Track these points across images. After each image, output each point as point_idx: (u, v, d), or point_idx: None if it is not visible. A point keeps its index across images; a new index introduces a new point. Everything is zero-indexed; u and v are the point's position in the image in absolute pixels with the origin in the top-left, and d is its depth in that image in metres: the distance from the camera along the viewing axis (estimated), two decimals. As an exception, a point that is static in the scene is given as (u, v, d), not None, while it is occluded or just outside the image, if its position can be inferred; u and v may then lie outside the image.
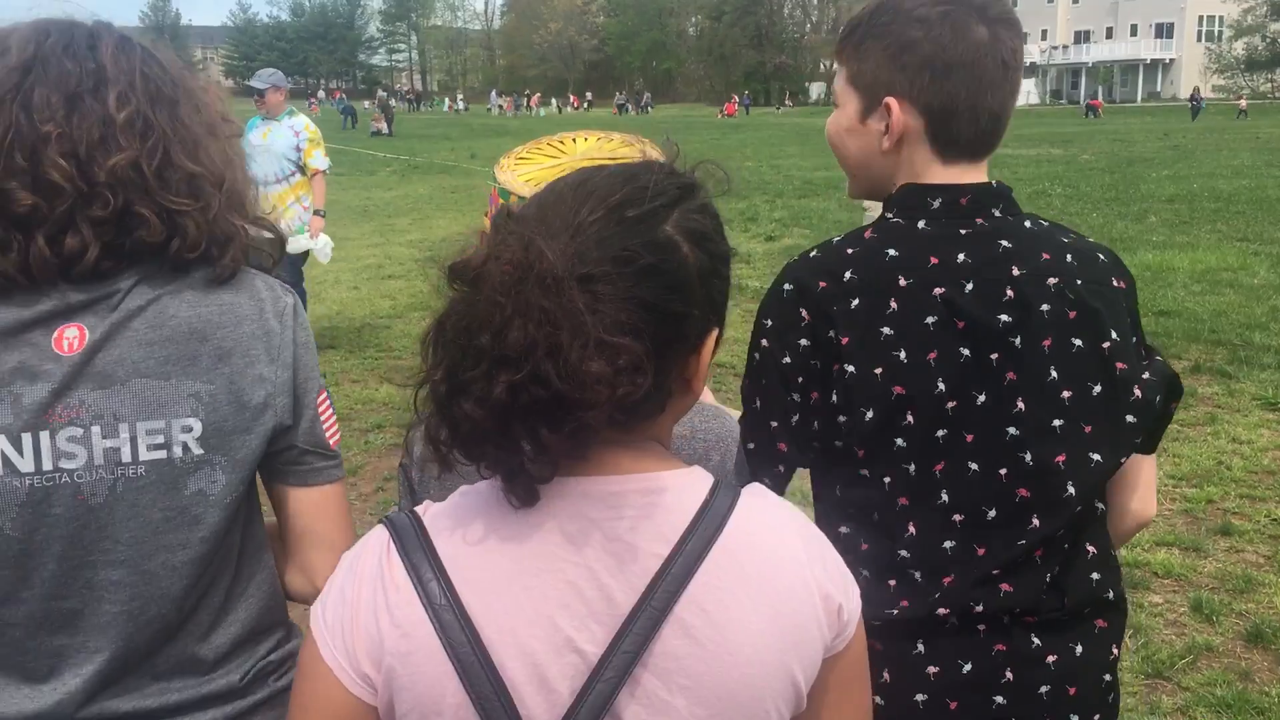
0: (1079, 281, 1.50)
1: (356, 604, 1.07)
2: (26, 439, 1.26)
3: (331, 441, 1.47)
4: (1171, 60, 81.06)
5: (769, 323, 1.54)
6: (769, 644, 1.06)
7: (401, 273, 11.90)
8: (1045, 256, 1.50)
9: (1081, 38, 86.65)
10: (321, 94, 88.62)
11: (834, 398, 1.49)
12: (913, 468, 1.48)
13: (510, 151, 1.63)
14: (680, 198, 1.08)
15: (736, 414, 1.63)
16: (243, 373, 1.36)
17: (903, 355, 1.46)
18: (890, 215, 1.56)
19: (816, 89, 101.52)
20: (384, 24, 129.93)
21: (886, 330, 1.46)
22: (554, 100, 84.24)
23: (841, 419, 1.49)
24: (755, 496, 1.13)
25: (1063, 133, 36.33)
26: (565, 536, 1.05)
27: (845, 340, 1.47)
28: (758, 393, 1.54)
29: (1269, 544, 4.81)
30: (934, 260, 1.48)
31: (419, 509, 1.12)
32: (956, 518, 1.48)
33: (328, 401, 1.49)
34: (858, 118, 1.58)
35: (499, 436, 0.99)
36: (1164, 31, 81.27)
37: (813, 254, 1.56)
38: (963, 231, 1.51)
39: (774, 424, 1.52)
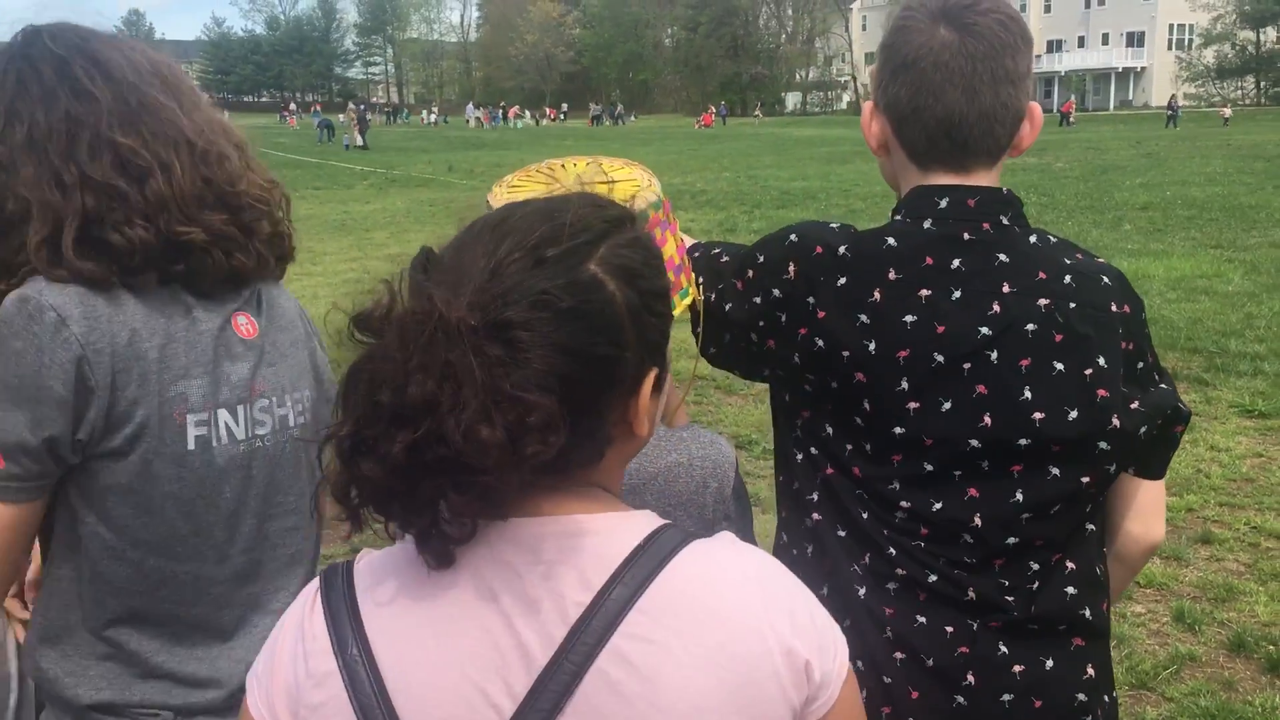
0: (1072, 305, 1.47)
1: (279, 653, 1.05)
2: (241, 411, 1.53)
3: None
4: (1143, 69, 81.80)
5: (760, 258, 1.58)
6: (710, 704, 0.96)
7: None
8: (1040, 275, 1.48)
9: (1054, 47, 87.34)
10: (293, 106, 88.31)
11: (796, 359, 1.52)
12: (869, 446, 1.49)
13: (502, 180, 1.62)
14: (607, 232, 1.01)
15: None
16: (316, 351, 1.69)
17: (871, 347, 1.46)
18: (898, 215, 1.55)
19: (793, 99, 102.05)
20: (360, 37, 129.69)
21: (863, 318, 1.47)
22: (527, 112, 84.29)
23: (810, 379, 1.52)
24: (711, 542, 1.04)
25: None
26: (482, 584, 0.99)
27: (821, 315, 1.48)
28: (729, 275, 1.61)
29: (1249, 552, 4.84)
30: (929, 260, 1.48)
31: (356, 558, 1.08)
32: (904, 504, 1.49)
33: None
34: (866, 126, 1.62)
35: (405, 496, 0.93)
36: (1135, 40, 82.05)
37: (827, 223, 1.58)
38: (965, 236, 1.49)
39: (728, 336, 1.60)
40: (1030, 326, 1.46)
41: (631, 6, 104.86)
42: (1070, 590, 1.51)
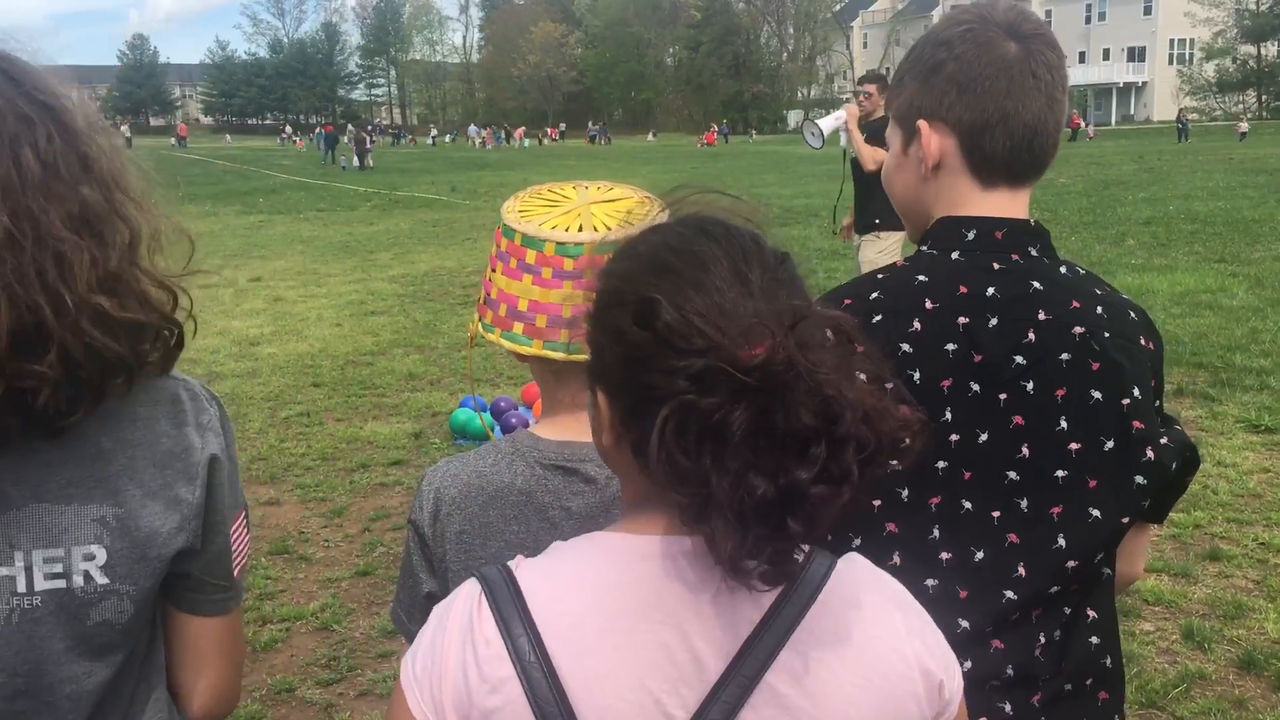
0: (1106, 334, 1.45)
1: (445, 657, 1.05)
2: None
3: (236, 570, 1.38)
4: (1144, 83, 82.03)
5: None
6: (865, 717, 1.03)
7: (384, 308, 11.87)
8: (1074, 304, 1.46)
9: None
10: (288, 129, 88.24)
11: None
12: (905, 493, 1.44)
13: (511, 208, 1.61)
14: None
15: None
16: (155, 496, 1.25)
17: (916, 376, 1.42)
18: (924, 247, 1.53)
19: (794, 116, 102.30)
20: (363, 59, 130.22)
21: (905, 347, 1.43)
22: (520, 134, 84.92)
23: None
24: (852, 564, 1.11)
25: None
26: (660, 597, 1.02)
27: (859, 350, 1.45)
28: None
29: (1257, 568, 4.81)
30: (963, 289, 1.45)
31: (511, 564, 1.09)
32: (944, 555, 1.45)
33: (244, 524, 1.40)
34: (900, 150, 1.58)
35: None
36: (1136, 55, 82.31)
37: (839, 286, 1.56)
38: (996, 266, 1.47)
39: None
40: (1065, 356, 1.44)
41: (633, 26, 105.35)
42: (1094, 640, 1.50)
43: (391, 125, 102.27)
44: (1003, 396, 1.43)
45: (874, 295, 1.47)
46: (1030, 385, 1.43)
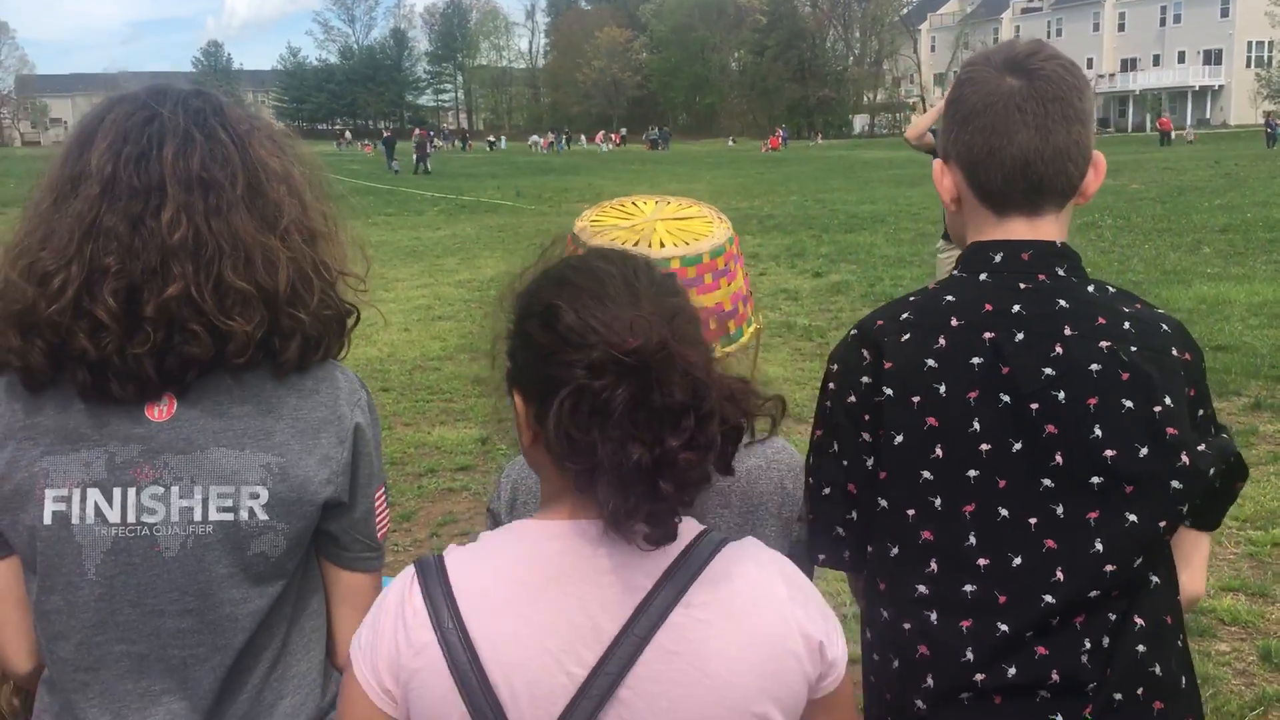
0: (1134, 348, 1.49)
1: (381, 627, 1.24)
2: (116, 493, 1.41)
3: (380, 533, 1.60)
4: (1220, 86, 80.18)
5: (835, 366, 1.61)
6: (747, 672, 1.19)
7: (451, 313, 12.00)
8: (1100, 321, 1.51)
9: (1128, 65, 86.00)
10: (348, 135, 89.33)
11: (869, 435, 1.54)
12: (938, 501, 1.50)
13: (585, 216, 1.74)
14: None
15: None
16: (311, 451, 1.48)
17: (942, 389, 1.49)
18: (956, 271, 1.61)
19: (860, 121, 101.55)
20: (430, 65, 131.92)
21: (930, 362, 1.51)
22: (582, 137, 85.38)
23: (870, 440, 1.54)
24: (744, 544, 1.28)
25: (1112, 161, 35.87)
26: (561, 571, 1.20)
27: (888, 365, 1.52)
28: (830, 435, 1.59)
29: (1339, 589, 4.68)
30: (989, 307, 1.53)
31: (445, 551, 1.27)
32: (981, 561, 1.48)
33: (385, 498, 1.62)
34: (941, 172, 1.65)
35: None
36: (1212, 58, 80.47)
37: (879, 308, 1.64)
38: (1022, 286, 1.53)
39: (845, 463, 1.57)
40: (1095, 367, 1.48)
41: (698, 30, 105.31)
42: (1141, 648, 1.50)
43: (458, 130, 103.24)
44: (1034, 406, 1.48)
45: (904, 316, 1.57)
46: (1061, 395, 1.48)
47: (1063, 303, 1.52)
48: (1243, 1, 77.60)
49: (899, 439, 1.51)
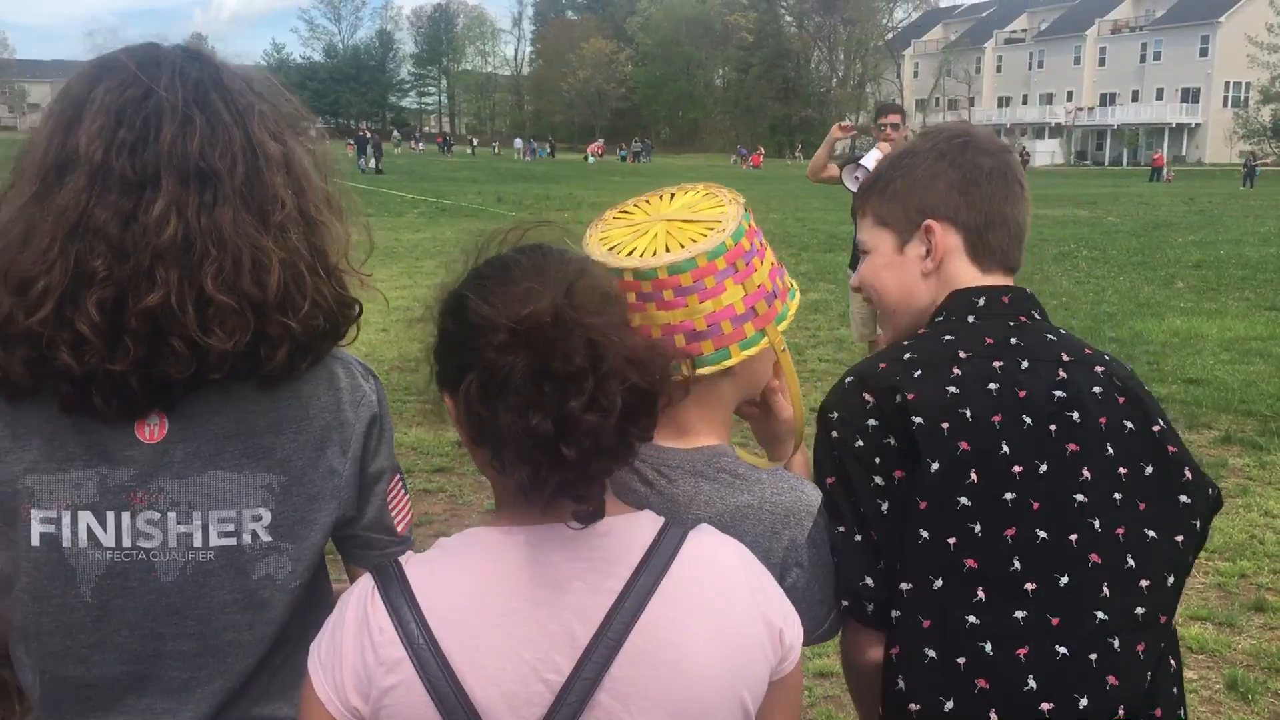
0: (1116, 378, 1.60)
1: (343, 644, 1.20)
2: (110, 516, 1.34)
3: (400, 526, 1.55)
4: (1197, 125, 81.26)
5: (835, 414, 1.57)
6: (719, 667, 1.20)
7: (429, 315, 11.92)
8: (1086, 350, 1.62)
9: (1107, 100, 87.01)
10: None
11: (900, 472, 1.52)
12: (978, 528, 1.48)
13: (593, 236, 1.56)
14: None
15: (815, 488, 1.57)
16: (314, 465, 1.42)
17: (968, 413, 1.51)
18: (939, 318, 1.64)
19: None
20: (415, 67, 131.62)
21: (952, 389, 1.53)
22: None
23: (905, 478, 1.52)
24: (702, 533, 1.28)
25: (1087, 194, 36.37)
26: (530, 580, 1.19)
27: (911, 396, 1.51)
28: (843, 481, 1.54)
29: (1304, 622, 4.74)
30: (989, 340, 1.57)
31: (402, 558, 1.25)
32: (1029, 586, 1.48)
33: (400, 487, 1.56)
34: (894, 251, 1.69)
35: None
36: (1190, 96, 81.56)
37: (877, 353, 1.66)
38: (1010, 324, 1.60)
39: (862, 510, 1.52)
40: (1096, 389, 1.56)
41: (684, 46, 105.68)
42: (1175, 690, 1.57)
43: (441, 134, 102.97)
44: (1053, 428, 1.52)
45: (908, 356, 1.57)
46: (1075, 415, 1.53)
47: (1051, 336, 1.61)
48: (1222, 42, 78.79)
49: (935, 465, 1.48)
